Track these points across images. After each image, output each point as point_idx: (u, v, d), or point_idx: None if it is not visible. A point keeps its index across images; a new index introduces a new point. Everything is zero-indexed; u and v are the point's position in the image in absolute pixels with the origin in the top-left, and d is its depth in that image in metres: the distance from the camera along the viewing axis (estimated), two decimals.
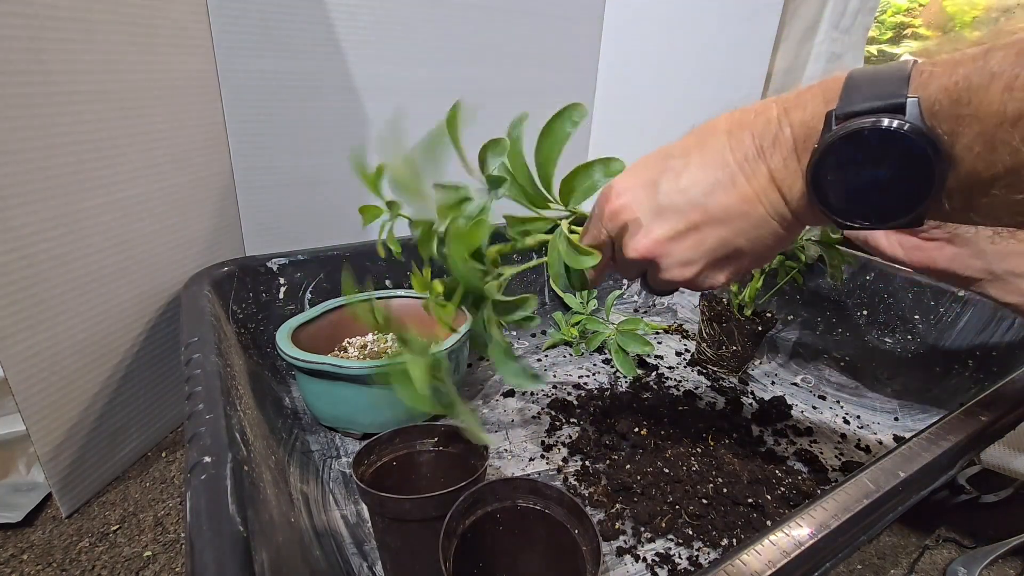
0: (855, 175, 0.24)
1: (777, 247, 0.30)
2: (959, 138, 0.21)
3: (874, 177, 0.24)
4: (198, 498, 0.30)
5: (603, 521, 0.49)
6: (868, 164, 0.23)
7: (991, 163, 0.21)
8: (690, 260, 0.30)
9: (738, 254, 0.30)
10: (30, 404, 0.51)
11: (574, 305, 0.88)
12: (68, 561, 0.51)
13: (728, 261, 0.30)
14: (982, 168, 0.21)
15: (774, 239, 0.29)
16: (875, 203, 0.24)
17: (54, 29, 0.49)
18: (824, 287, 0.80)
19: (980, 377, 0.63)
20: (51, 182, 0.51)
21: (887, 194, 0.24)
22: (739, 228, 0.29)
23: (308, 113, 0.79)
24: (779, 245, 0.29)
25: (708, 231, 0.29)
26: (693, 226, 0.29)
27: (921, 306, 0.70)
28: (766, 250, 0.30)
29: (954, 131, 0.21)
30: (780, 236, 0.29)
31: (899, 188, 0.23)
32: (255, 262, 0.68)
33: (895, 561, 0.56)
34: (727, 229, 0.29)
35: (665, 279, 0.32)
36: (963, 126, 0.21)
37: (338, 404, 0.57)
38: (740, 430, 0.62)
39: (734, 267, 0.31)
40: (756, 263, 0.31)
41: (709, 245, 0.30)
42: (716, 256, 0.30)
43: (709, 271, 0.31)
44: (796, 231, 0.29)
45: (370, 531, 0.47)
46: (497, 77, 0.95)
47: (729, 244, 0.29)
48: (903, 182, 0.23)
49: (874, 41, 1.35)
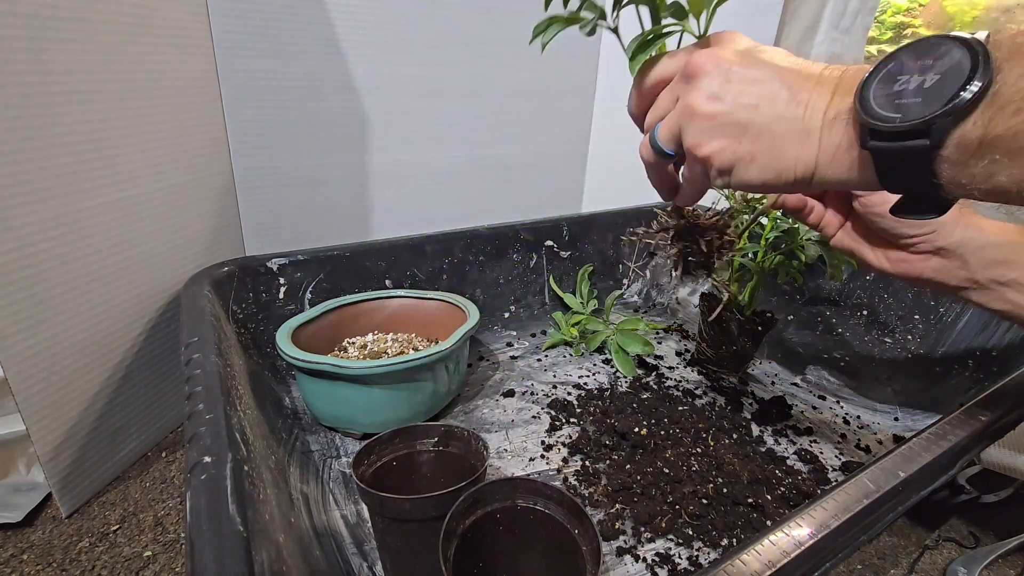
0: (903, 79, 0.24)
1: (785, 163, 0.29)
2: (1008, 69, 0.22)
3: (920, 80, 0.24)
4: (198, 498, 0.30)
5: (603, 521, 0.49)
6: (915, 71, 0.24)
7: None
8: (719, 95, 0.30)
9: (752, 132, 0.29)
10: (30, 404, 0.51)
11: (574, 305, 0.88)
12: (68, 561, 0.51)
13: (741, 134, 0.29)
14: (1017, 103, 0.22)
15: (790, 143, 0.28)
16: (909, 102, 0.24)
17: (54, 29, 0.49)
18: (824, 287, 0.80)
19: (980, 377, 0.63)
20: (51, 182, 0.51)
21: (925, 94, 0.24)
22: (771, 113, 0.28)
23: (308, 113, 0.79)
24: (789, 162, 0.29)
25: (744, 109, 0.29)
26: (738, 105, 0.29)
27: (921, 306, 0.70)
28: (776, 152, 0.29)
29: (1006, 60, 0.22)
30: (795, 150, 0.28)
31: (937, 89, 0.23)
32: (255, 262, 0.68)
33: (895, 561, 0.56)
34: (759, 115, 0.29)
35: (692, 126, 0.31)
36: (1015, 58, 0.22)
37: (338, 404, 0.57)
38: (740, 430, 0.62)
39: (741, 146, 0.30)
40: (761, 162, 0.30)
41: (739, 101, 0.29)
42: (737, 118, 0.29)
43: (725, 132, 0.30)
44: (808, 151, 0.28)
45: (370, 531, 0.47)
46: (497, 77, 0.95)
47: (752, 121, 0.29)
48: (943, 84, 0.23)
49: (874, 41, 1.35)
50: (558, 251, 0.92)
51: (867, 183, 0.27)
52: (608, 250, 0.97)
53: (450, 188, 0.99)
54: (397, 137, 0.89)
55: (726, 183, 0.32)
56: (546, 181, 1.11)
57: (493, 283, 0.86)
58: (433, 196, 0.97)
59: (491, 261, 0.86)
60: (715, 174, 0.32)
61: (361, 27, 0.79)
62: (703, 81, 0.30)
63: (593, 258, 0.95)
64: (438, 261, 0.80)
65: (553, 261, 0.92)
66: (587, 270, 0.92)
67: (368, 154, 0.88)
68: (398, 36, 0.82)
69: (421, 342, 0.70)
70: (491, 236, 0.85)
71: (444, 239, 0.81)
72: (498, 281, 0.87)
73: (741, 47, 0.31)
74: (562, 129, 1.09)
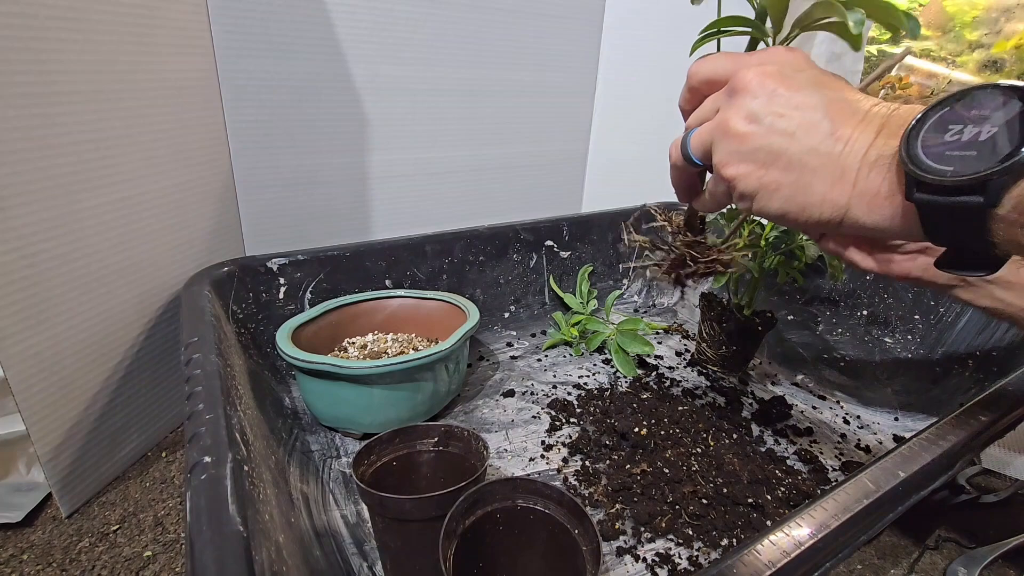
0: (955, 129, 0.23)
1: (811, 199, 0.28)
2: None
3: (975, 131, 0.23)
4: (198, 498, 0.30)
5: (603, 521, 0.49)
6: (972, 121, 0.23)
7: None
8: (757, 117, 0.29)
9: (782, 162, 0.28)
10: (30, 404, 0.51)
11: (574, 305, 0.88)
12: (68, 561, 0.51)
13: (770, 162, 0.28)
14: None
15: (821, 180, 0.27)
16: (963, 154, 0.23)
17: (54, 29, 0.49)
18: (824, 287, 0.80)
19: (980, 377, 0.63)
20: (51, 182, 0.51)
21: (980, 147, 0.22)
22: (806, 144, 0.27)
23: (308, 113, 0.79)
24: (816, 198, 0.27)
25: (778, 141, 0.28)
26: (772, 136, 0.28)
27: (921, 306, 0.70)
28: (803, 186, 0.28)
29: None
30: (825, 187, 0.27)
31: (993, 143, 0.22)
32: (255, 262, 0.68)
33: (895, 561, 0.56)
34: (795, 143, 0.27)
35: (723, 144, 0.30)
36: None
37: (338, 404, 0.57)
38: (740, 430, 0.62)
39: (768, 174, 0.29)
40: (785, 193, 0.28)
41: (770, 140, 0.28)
42: (770, 143, 0.28)
43: (755, 157, 0.29)
44: (841, 192, 0.27)
45: (370, 531, 0.47)
46: (497, 77, 0.95)
47: (784, 150, 0.28)
48: (1000, 138, 0.22)
49: (874, 41, 1.35)
50: (558, 251, 0.92)
51: (909, 234, 0.25)
52: (608, 250, 0.97)
53: (450, 188, 0.99)
54: (397, 137, 0.89)
55: (747, 208, 0.31)
56: (546, 181, 1.11)
57: (493, 283, 0.86)
58: (433, 196, 0.97)
59: (491, 261, 0.86)
60: (737, 196, 0.31)
61: (361, 27, 0.79)
62: (745, 99, 0.29)
63: (593, 258, 0.95)
64: (438, 261, 0.80)
65: (553, 261, 0.92)
66: (587, 270, 0.92)
67: (368, 154, 0.88)
68: (398, 36, 0.82)
69: (421, 342, 0.70)
70: (491, 236, 0.85)
71: (444, 239, 0.81)
72: (498, 281, 0.87)
73: (797, 68, 0.29)
74: (562, 129, 1.09)
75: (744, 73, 0.29)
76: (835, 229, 0.28)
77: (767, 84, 0.28)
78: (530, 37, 0.95)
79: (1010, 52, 1.45)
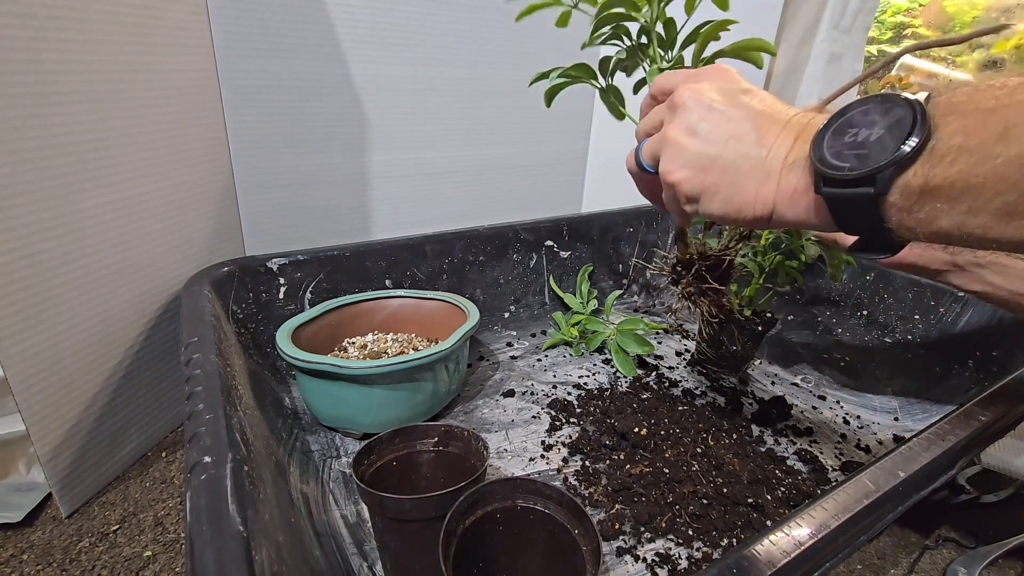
0: (852, 132, 0.27)
1: (745, 198, 0.31)
2: (944, 125, 0.24)
3: (867, 133, 0.26)
4: (198, 498, 0.30)
5: (603, 521, 0.49)
6: (864, 125, 0.27)
7: (964, 157, 0.23)
8: (695, 130, 0.32)
9: (718, 167, 0.31)
10: (30, 404, 0.51)
11: (574, 305, 0.88)
12: (68, 561, 0.51)
13: (708, 167, 0.32)
14: (951, 156, 0.24)
15: (751, 181, 0.30)
16: (858, 152, 0.26)
17: (54, 29, 0.49)
18: (824, 287, 0.80)
19: (980, 377, 0.63)
20: (51, 182, 0.51)
21: (872, 146, 0.26)
22: (737, 151, 0.31)
23: (308, 113, 0.79)
24: (748, 197, 0.31)
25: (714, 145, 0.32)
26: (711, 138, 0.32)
27: (921, 306, 0.70)
28: (737, 187, 0.31)
29: (943, 117, 0.24)
30: (755, 188, 0.30)
31: (881, 142, 0.26)
32: (255, 262, 0.68)
33: (895, 561, 0.56)
34: (728, 150, 0.31)
35: (666, 152, 0.34)
36: (950, 116, 0.24)
37: (338, 404, 0.57)
38: (740, 430, 0.62)
39: (707, 178, 0.32)
40: (723, 195, 0.32)
41: (705, 149, 0.32)
42: (707, 151, 0.32)
43: (695, 163, 0.32)
44: (768, 191, 0.30)
45: (370, 531, 0.47)
46: (497, 77, 0.95)
47: (719, 156, 0.31)
48: (887, 138, 0.25)
49: (874, 41, 1.35)
50: (558, 251, 0.92)
51: (824, 224, 0.29)
52: (608, 250, 0.97)
53: (450, 188, 0.99)
54: (397, 137, 0.89)
55: (694, 211, 0.34)
56: (546, 181, 1.11)
57: (493, 283, 0.86)
58: (433, 196, 0.97)
59: (491, 261, 0.86)
60: (683, 200, 0.34)
61: (361, 27, 0.79)
62: (683, 114, 0.33)
63: (593, 258, 0.95)
64: (438, 261, 0.80)
65: (553, 261, 0.92)
66: (587, 270, 0.92)
67: (368, 154, 0.88)
68: (398, 36, 0.82)
69: (421, 342, 0.70)
70: (491, 236, 0.85)
71: (444, 239, 0.81)
72: (498, 281, 0.87)
73: (728, 86, 0.33)
74: (562, 129, 1.09)
75: (682, 90, 0.33)
76: (767, 225, 0.32)
77: (703, 101, 0.32)
78: (530, 37, 0.95)
79: (1010, 52, 1.46)
